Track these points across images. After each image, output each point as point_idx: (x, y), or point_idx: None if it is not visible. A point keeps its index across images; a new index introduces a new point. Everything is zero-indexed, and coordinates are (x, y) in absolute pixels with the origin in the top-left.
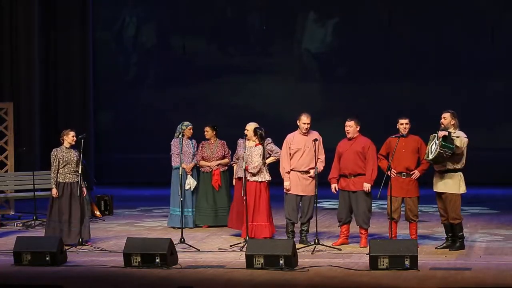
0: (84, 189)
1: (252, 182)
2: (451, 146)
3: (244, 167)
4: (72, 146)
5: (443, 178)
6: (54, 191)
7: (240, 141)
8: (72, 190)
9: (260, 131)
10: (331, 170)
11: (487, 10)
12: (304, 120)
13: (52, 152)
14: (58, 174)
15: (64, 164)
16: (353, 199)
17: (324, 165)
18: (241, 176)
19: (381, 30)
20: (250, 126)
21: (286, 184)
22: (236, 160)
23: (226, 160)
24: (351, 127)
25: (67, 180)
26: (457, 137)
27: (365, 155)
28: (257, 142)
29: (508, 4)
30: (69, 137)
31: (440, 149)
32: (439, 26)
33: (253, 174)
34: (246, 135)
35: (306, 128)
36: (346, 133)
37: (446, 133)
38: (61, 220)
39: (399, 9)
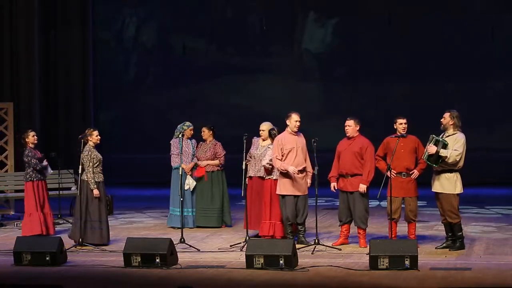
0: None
1: (268, 180)
2: (434, 165)
3: (244, 166)
4: (96, 148)
5: (440, 178)
6: (96, 191)
7: (255, 139)
8: (103, 190)
9: (274, 132)
10: (332, 169)
11: (487, 10)
12: (296, 118)
13: (86, 153)
14: (93, 174)
15: (97, 163)
16: (351, 200)
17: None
18: (252, 175)
19: (381, 30)
20: (265, 126)
21: (291, 168)
22: (249, 159)
23: (215, 162)
24: (350, 126)
25: (100, 179)
26: (445, 156)
27: (363, 155)
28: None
29: (508, 4)
30: (94, 138)
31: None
32: (439, 26)
33: (269, 173)
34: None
35: (298, 126)
36: (346, 132)
37: (434, 151)
38: (88, 219)
39: (399, 9)
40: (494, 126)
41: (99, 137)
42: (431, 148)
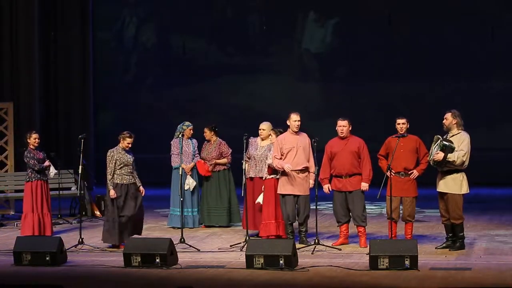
0: (142, 189)
1: (270, 179)
2: (440, 168)
3: (245, 166)
4: (127, 151)
5: (445, 178)
6: (112, 192)
7: (253, 139)
8: (129, 191)
9: (280, 130)
10: (322, 170)
11: (487, 10)
12: (295, 118)
13: (109, 153)
14: (115, 176)
15: (121, 165)
16: (350, 199)
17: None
18: (253, 176)
19: (381, 30)
20: (266, 126)
21: (286, 166)
22: (247, 159)
23: (224, 160)
24: (345, 126)
25: (124, 181)
26: (453, 161)
27: (360, 154)
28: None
29: (508, 4)
30: (124, 143)
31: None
32: (439, 26)
33: (272, 172)
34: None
35: (298, 126)
36: (340, 133)
37: (441, 157)
38: (115, 219)
39: (399, 9)
40: (494, 126)
41: (130, 145)
42: (438, 155)
